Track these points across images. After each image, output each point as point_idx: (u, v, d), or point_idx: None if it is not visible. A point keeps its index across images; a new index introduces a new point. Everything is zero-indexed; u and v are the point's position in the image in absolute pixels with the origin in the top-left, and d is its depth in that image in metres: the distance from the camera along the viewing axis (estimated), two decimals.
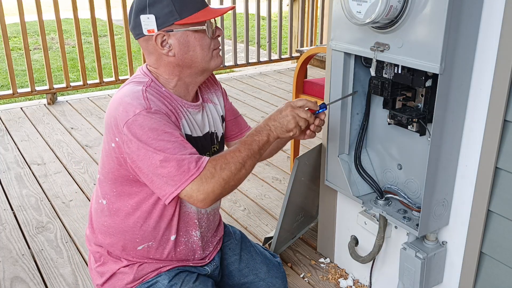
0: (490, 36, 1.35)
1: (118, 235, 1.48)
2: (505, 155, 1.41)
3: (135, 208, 1.44)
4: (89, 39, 6.68)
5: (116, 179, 1.41)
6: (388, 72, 1.54)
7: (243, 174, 1.32)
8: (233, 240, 1.78)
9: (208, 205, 1.30)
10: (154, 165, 1.27)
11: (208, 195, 1.27)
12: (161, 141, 1.27)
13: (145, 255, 1.50)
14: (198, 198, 1.27)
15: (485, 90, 1.39)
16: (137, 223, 1.45)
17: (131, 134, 1.28)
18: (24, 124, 3.83)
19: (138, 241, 1.47)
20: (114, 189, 1.44)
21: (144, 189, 1.40)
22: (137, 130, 1.27)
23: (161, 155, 1.26)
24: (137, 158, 1.29)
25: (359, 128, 1.75)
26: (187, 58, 1.37)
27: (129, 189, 1.42)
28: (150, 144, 1.26)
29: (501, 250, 1.48)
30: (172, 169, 1.26)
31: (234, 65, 5.18)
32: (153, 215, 1.44)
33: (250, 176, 2.96)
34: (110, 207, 1.47)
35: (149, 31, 1.34)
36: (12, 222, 2.48)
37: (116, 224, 1.47)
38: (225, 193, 1.32)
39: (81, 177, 2.97)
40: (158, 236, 1.48)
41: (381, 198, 1.69)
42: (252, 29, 6.55)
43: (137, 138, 1.27)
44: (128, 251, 1.49)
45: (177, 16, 1.32)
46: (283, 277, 1.80)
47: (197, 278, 1.55)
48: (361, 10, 1.39)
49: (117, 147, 1.34)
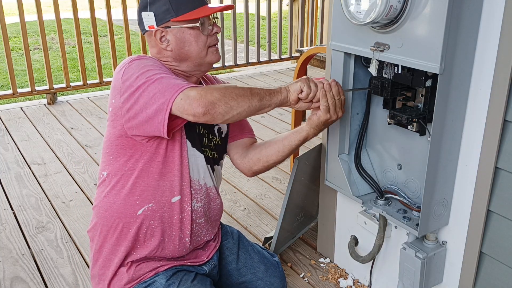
0: (490, 36, 1.35)
1: (118, 202, 1.48)
2: (505, 155, 1.41)
3: (132, 169, 1.46)
4: (89, 39, 6.68)
5: (112, 144, 1.47)
6: (388, 72, 1.54)
7: (246, 102, 1.32)
8: (231, 240, 1.78)
9: (204, 108, 1.27)
10: (148, 89, 1.32)
11: (203, 97, 1.27)
12: (154, 70, 1.36)
13: (145, 221, 1.49)
14: (192, 99, 1.27)
15: (485, 90, 1.39)
16: (137, 183, 1.47)
17: (126, 74, 1.37)
18: (24, 124, 3.83)
19: (138, 204, 1.48)
20: (111, 155, 1.48)
21: (138, 148, 1.44)
22: (133, 70, 1.37)
23: (156, 77, 1.33)
24: (132, 96, 1.35)
25: (359, 128, 1.75)
26: (183, 53, 1.47)
27: (123, 151, 1.46)
28: (144, 74, 1.34)
29: (501, 250, 1.48)
30: (165, 85, 1.31)
31: (234, 65, 5.18)
32: (152, 173, 1.46)
33: None
34: (110, 175, 1.50)
35: (149, 27, 1.47)
36: (12, 222, 2.48)
37: (116, 191, 1.49)
38: (222, 110, 1.29)
39: (81, 177, 2.97)
40: (157, 196, 1.48)
41: (381, 198, 1.69)
42: (252, 29, 6.55)
43: (133, 74, 1.35)
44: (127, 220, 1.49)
45: (173, 14, 1.43)
46: (282, 276, 1.80)
47: (195, 277, 1.55)
48: (361, 10, 1.39)
49: (113, 108, 1.42)
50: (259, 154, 1.64)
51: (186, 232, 1.54)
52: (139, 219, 1.49)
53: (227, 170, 3.04)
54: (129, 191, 1.48)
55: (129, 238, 1.50)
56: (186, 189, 1.51)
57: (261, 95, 1.35)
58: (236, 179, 2.95)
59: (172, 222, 1.52)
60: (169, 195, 1.49)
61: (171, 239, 1.53)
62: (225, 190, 2.82)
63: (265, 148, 1.64)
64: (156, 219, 1.50)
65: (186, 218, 1.53)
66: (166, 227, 1.51)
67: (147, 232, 1.50)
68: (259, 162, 1.64)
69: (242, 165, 1.68)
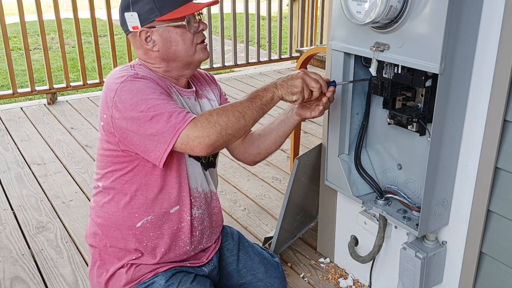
0: (490, 36, 1.35)
1: (117, 214, 1.48)
2: (505, 155, 1.41)
3: (130, 182, 1.45)
4: (89, 39, 6.68)
5: (107, 156, 1.44)
6: (388, 72, 1.53)
7: (242, 124, 1.30)
8: (231, 241, 1.78)
9: (206, 151, 1.27)
10: (145, 126, 1.28)
11: (203, 139, 1.26)
12: (150, 100, 1.30)
13: (144, 233, 1.49)
14: (193, 143, 1.26)
15: (485, 90, 1.39)
16: (135, 197, 1.46)
17: (120, 101, 1.31)
18: (24, 124, 3.83)
19: (137, 216, 1.47)
20: (106, 169, 1.46)
21: (135, 161, 1.41)
22: (126, 95, 1.31)
23: (151, 113, 1.28)
24: (126, 125, 1.31)
25: (359, 128, 1.75)
26: (170, 53, 1.43)
27: (119, 165, 1.44)
28: (139, 105, 1.29)
29: (501, 250, 1.48)
30: (163, 123, 1.27)
31: (234, 65, 5.18)
32: (151, 187, 1.45)
33: (250, 176, 2.97)
34: (106, 188, 1.48)
35: (133, 27, 1.42)
36: (12, 222, 2.48)
37: (114, 203, 1.48)
38: (223, 142, 1.29)
39: (81, 177, 2.97)
40: (156, 208, 1.47)
41: (381, 198, 1.69)
42: (252, 29, 6.55)
43: (126, 103, 1.30)
44: (127, 232, 1.48)
45: (157, 13, 1.38)
46: (282, 277, 1.80)
47: (194, 278, 1.55)
48: (361, 10, 1.39)
49: (106, 124, 1.38)
50: (258, 148, 1.67)
51: (186, 240, 1.55)
52: (138, 231, 1.49)
53: (227, 170, 3.04)
54: (128, 204, 1.47)
55: (129, 248, 1.50)
56: (186, 199, 1.51)
57: (262, 101, 1.35)
58: (236, 179, 2.95)
59: (172, 232, 1.52)
60: (168, 206, 1.49)
61: (172, 249, 1.54)
62: (225, 190, 2.82)
63: (262, 142, 1.66)
64: (156, 230, 1.50)
65: (185, 227, 1.53)
66: (166, 236, 1.51)
67: (148, 244, 1.51)
68: (259, 155, 1.69)
69: (244, 159, 1.73)
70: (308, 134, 3.64)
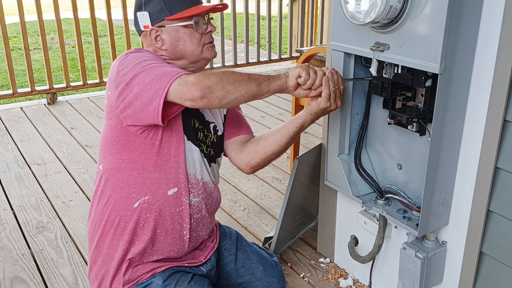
0: (490, 36, 1.35)
1: (115, 195, 1.48)
2: (505, 155, 1.41)
3: (127, 161, 1.47)
4: (89, 39, 6.68)
5: (107, 136, 1.48)
6: (388, 72, 1.54)
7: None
8: (229, 241, 1.78)
9: (201, 93, 1.27)
10: (144, 75, 1.33)
11: (198, 83, 1.27)
12: (152, 59, 1.38)
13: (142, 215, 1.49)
14: (189, 88, 1.27)
15: (485, 90, 1.39)
16: (132, 175, 1.47)
17: (121, 65, 1.38)
18: (24, 124, 3.83)
19: (134, 196, 1.48)
20: (106, 148, 1.49)
21: (133, 139, 1.44)
22: (128, 60, 1.38)
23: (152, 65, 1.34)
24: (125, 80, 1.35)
25: (359, 128, 1.75)
26: (177, 51, 1.49)
27: (118, 143, 1.46)
28: (141, 63, 1.35)
29: (501, 250, 1.48)
30: (162, 72, 1.32)
31: (234, 65, 5.18)
32: (147, 165, 1.46)
33: (250, 176, 2.97)
34: (105, 168, 1.50)
35: (145, 26, 1.49)
36: (12, 222, 2.48)
37: (112, 184, 1.49)
38: (220, 95, 1.29)
39: (81, 177, 2.97)
40: (153, 188, 1.48)
41: (381, 198, 1.69)
42: (252, 29, 6.55)
43: (129, 64, 1.37)
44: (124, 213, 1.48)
45: (167, 13, 1.45)
46: (281, 276, 1.79)
47: (192, 278, 1.54)
48: (361, 10, 1.39)
49: (109, 101, 1.43)
50: (256, 147, 1.60)
51: (185, 225, 1.53)
52: (136, 212, 1.48)
53: (227, 170, 3.04)
54: (125, 183, 1.47)
55: (127, 232, 1.49)
56: (183, 182, 1.50)
57: (259, 81, 1.35)
58: (236, 179, 2.95)
59: (170, 215, 1.51)
60: (165, 187, 1.48)
61: (169, 233, 1.52)
62: (225, 190, 2.82)
63: (262, 140, 1.60)
64: (153, 212, 1.49)
65: (184, 212, 1.52)
66: (163, 220, 1.50)
67: (145, 225, 1.49)
68: (256, 155, 1.60)
69: (240, 161, 1.64)
70: (308, 134, 3.64)
